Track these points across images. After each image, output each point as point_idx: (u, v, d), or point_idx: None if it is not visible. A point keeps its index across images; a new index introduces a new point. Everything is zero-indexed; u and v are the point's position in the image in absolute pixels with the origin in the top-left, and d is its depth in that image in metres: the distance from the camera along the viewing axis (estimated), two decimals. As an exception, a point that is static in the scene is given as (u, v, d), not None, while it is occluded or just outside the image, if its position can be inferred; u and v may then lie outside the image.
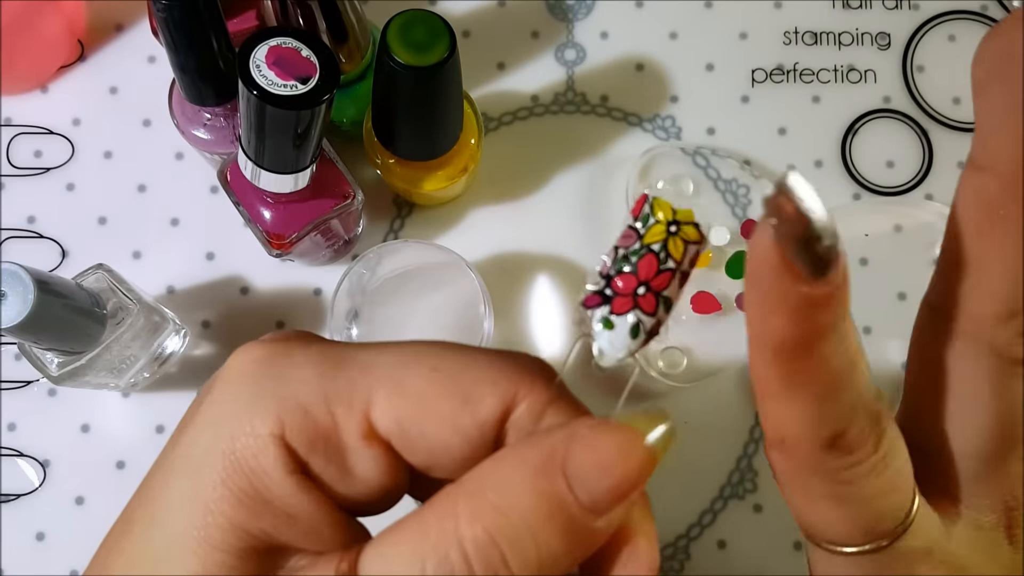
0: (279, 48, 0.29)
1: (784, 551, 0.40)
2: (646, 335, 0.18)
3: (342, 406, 0.18)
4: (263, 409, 0.18)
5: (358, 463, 0.19)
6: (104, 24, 0.43)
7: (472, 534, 0.17)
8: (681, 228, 0.18)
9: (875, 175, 0.43)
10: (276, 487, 0.18)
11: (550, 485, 0.17)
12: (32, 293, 0.30)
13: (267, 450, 0.18)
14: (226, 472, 0.18)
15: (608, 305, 0.18)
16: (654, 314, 0.18)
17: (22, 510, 0.40)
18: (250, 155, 0.32)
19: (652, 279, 0.18)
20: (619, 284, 0.18)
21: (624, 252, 0.19)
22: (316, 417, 0.18)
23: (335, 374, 0.19)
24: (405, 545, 0.17)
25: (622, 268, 0.18)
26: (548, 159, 0.43)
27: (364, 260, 0.38)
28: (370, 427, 0.19)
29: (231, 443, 0.18)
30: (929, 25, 0.44)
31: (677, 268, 0.18)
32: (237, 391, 0.19)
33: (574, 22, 0.44)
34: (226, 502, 0.18)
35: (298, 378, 0.19)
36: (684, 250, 0.18)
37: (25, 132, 0.42)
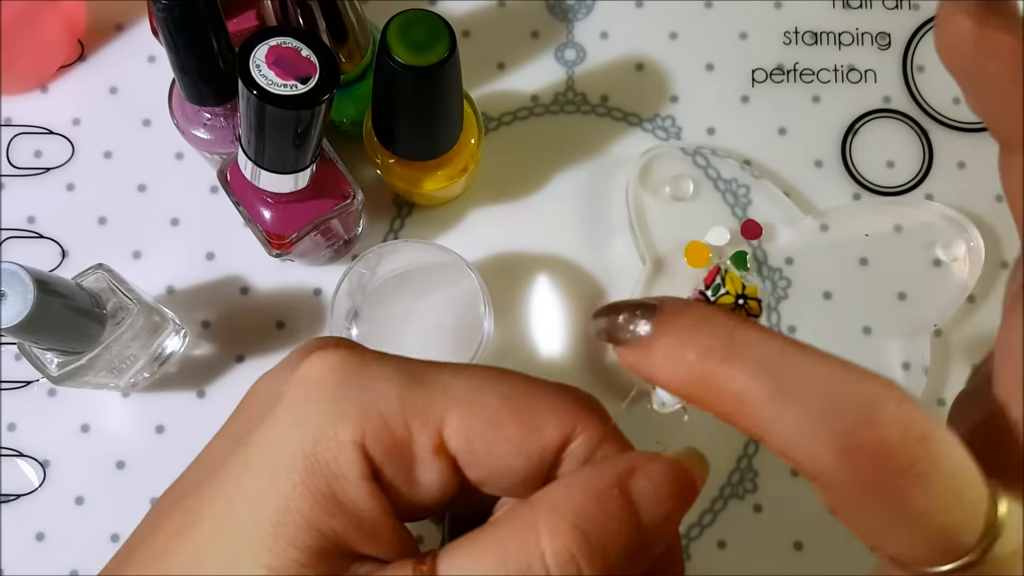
0: (279, 48, 0.29)
1: (784, 551, 0.40)
2: None
3: (418, 420, 0.20)
4: (346, 416, 0.20)
5: (425, 474, 0.20)
6: (104, 24, 0.43)
7: (553, 549, 0.18)
8: (747, 302, 0.20)
9: (875, 175, 0.43)
10: (352, 490, 0.19)
11: (619, 508, 0.19)
12: (32, 293, 0.30)
13: (348, 455, 0.19)
14: (307, 472, 0.19)
15: None
16: None
17: (22, 510, 0.40)
18: (250, 155, 0.32)
19: None
20: None
21: None
22: (394, 428, 0.20)
23: (413, 389, 0.20)
24: (486, 557, 0.19)
25: None
26: (548, 159, 0.43)
27: (364, 260, 0.38)
28: (441, 443, 0.20)
29: (313, 445, 0.19)
30: (929, 25, 0.44)
31: None
32: (319, 396, 0.20)
33: (574, 22, 0.44)
34: (304, 501, 0.19)
35: (379, 390, 0.20)
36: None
37: (25, 132, 0.42)
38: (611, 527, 0.19)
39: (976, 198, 0.43)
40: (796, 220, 0.42)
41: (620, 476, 0.20)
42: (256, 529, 0.19)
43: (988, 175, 0.43)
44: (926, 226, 0.42)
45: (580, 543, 0.19)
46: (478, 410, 0.20)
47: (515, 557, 0.18)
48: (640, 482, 0.20)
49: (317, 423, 0.20)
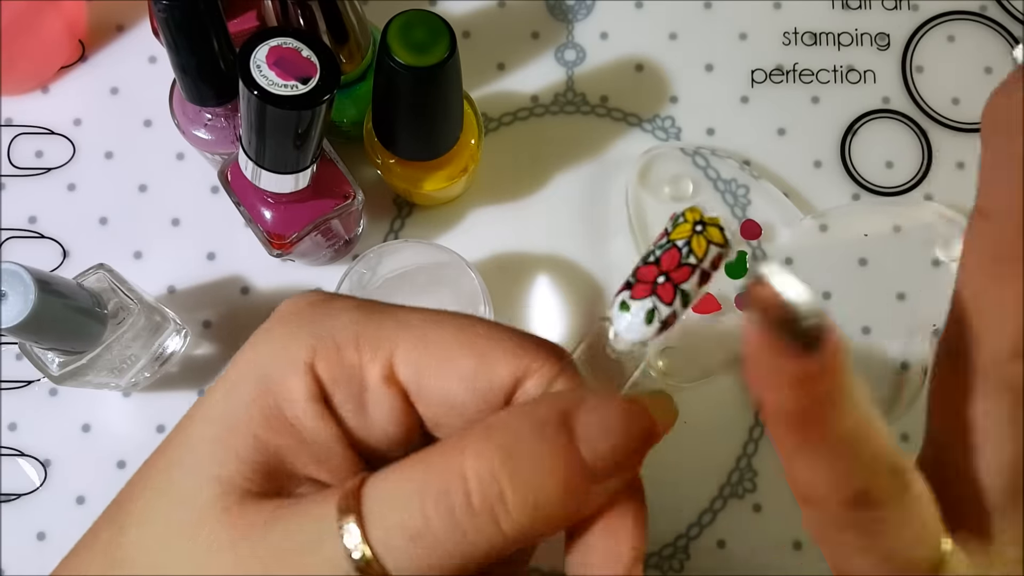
0: (280, 48, 0.29)
1: (784, 551, 0.40)
2: (660, 324, 0.19)
3: (369, 348, 0.20)
4: (300, 340, 0.20)
5: (375, 403, 0.20)
6: (105, 24, 0.43)
7: (476, 469, 0.18)
8: (707, 228, 0.19)
9: (874, 175, 0.43)
10: (299, 410, 0.20)
11: (556, 435, 0.18)
12: (33, 293, 0.30)
13: (296, 374, 0.20)
14: (257, 390, 0.20)
15: (629, 290, 0.19)
16: (671, 304, 0.19)
17: (22, 510, 0.40)
18: (251, 155, 0.32)
19: (673, 271, 0.19)
20: (641, 272, 0.19)
21: (653, 247, 0.20)
22: (345, 353, 0.20)
23: (369, 320, 0.21)
24: (409, 476, 0.18)
25: (648, 259, 0.20)
26: (548, 159, 0.43)
27: (364, 260, 0.38)
28: (391, 371, 0.20)
29: (266, 368, 0.20)
30: (928, 25, 0.44)
31: (698, 265, 0.19)
32: (279, 327, 0.21)
33: (574, 22, 0.44)
34: (252, 416, 0.20)
35: (336, 318, 0.21)
36: (707, 249, 0.19)
37: (26, 132, 0.42)
38: (543, 454, 0.18)
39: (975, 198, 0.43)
40: (795, 220, 0.42)
41: (564, 407, 0.19)
42: (208, 441, 0.20)
43: (987, 175, 0.43)
44: (925, 226, 0.42)
45: (505, 464, 0.18)
46: (430, 342, 0.20)
47: (436, 476, 0.18)
48: (588, 413, 0.19)
49: (271, 348, 0.21)
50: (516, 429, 0.18)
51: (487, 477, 0.17)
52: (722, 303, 0.40)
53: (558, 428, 0.18)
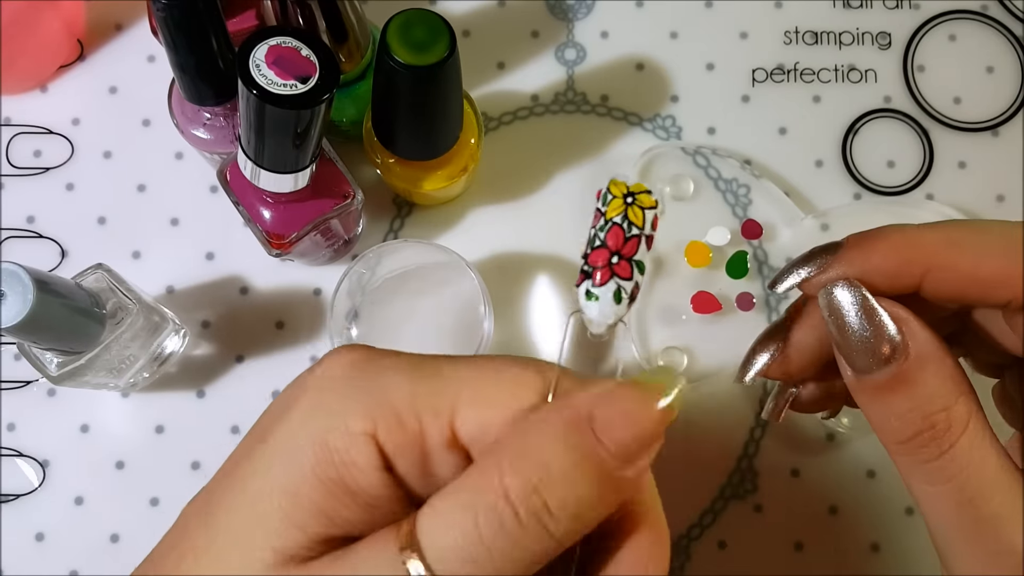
0: (279, 47, 0.29)
1: (784, 551, 0.40)
2: (628, 298, 0.20)
3: (429, 414, 0.20)
4: (357, 409, 0.20)
5: (437, 466, 0.21)
6: (103, 24, 0.43)
7: (516, 485, 0.19)
8: (636, 198, 0.20)
9: (876, 175, 0.43)
10: (364, 480, 0.20)
11: (580, 437, 0.19)
12: (31, 293, 0.30)
13: (360, 447, 0.20)
14: (317, 461, 0.20)
15: (589, 280, 0.20)
16: (631, 278, 0.20)
17: (22, 510, 0.40)
18: (250, 155, 0.32)
19: (622, 247, 0.20)
20: (593, 258, 0.20)
21: (594, 231, 0.21)
22: (406, 422, 0.20)
23: (423, 381, 0.21)
24: (456, 502, 0.19)
25: (595, 244, 0.21)
26: (548, 159, 0.43)
27: (364, 260, 0.38)
28: (453, 435, 0.21)
29: (324, 436, 0.20)
30: (930, 25, 0.44)
31: (641, 233, 0.20)
32: (332, 391, 0.21)
33: (574, 22, 0.44)
34: (315, 489, 0.20)
35: (389, 382, 0.21)
36: (643, 216, 0.20)
37: (25, 132, 0.42)
38: (574, 460, 0.19)
39: (977, 198, 0.43)
40: (796, 220, 0.42)
41: (580, 406, 0.20)
42: (267, 514, 0.20)
43: (989, 175, 0.43)
44: (927, 226, 0.42)
45: (542, 477, 0.19)
46: (485, 402, 0.21)
47: (482, 498, 0.19)
48: (605, 409, 0.20)
49: (330, 415, 0.20)
50: (542, 440, 0.19)
51: (528, 490, 0.19)
52: (722, 303, 0.40)
53: (582, 431, 0.19)
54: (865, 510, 0.40)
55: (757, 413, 0.41)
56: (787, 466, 0.41)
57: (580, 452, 0.19)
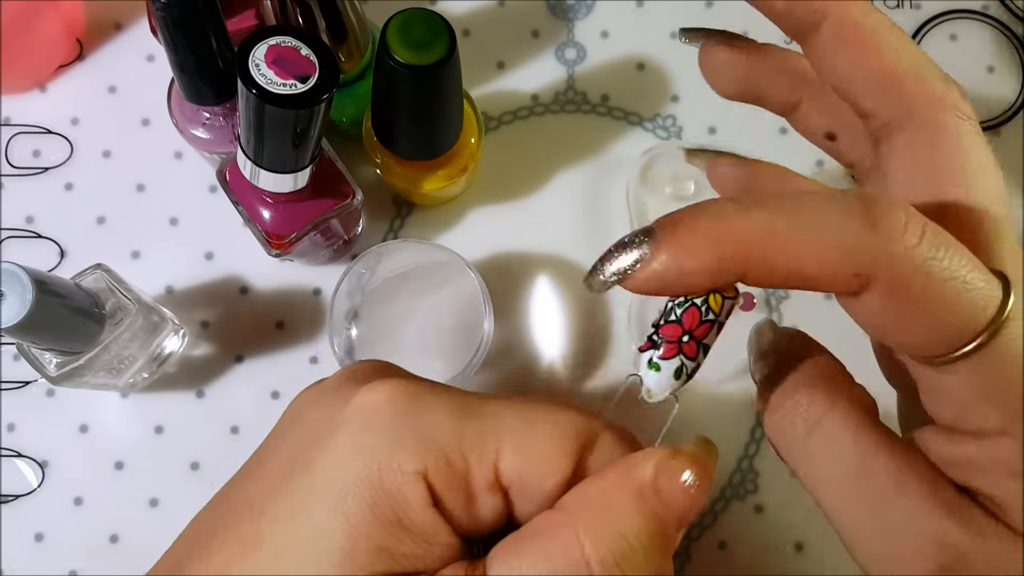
0: (278, 47, 0.29)
1: (784, 552, 0.40)
2: (687, 376, 0.21)
3: (474, 455, 0.21)
4: (407, 447, 0.21)
5: (481, 506, 0.21)
6: (103, 23, 0.43)
7: (599, 557, 0.20)
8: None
9: (876, 175, 0.43)
10: (418, 517, 0.21)
11: (652, 508, 0.20)
12: (31, 293, 0.29)
13: (413, 486, 0.20)
14: (373, 500, 0.20)
15: (657, 350, 0.21)
16: (695, 359, 0.21)
17: (21, 510, 0.40)
18: (249, 154, 0.32)
19: (695, 329, 0.21)
20: (664, 331, 0.21)
21: (672, 305, 0.21)
22: (453, 462, 0.21)
23: (468, 423, 0.21)
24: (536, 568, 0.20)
25: (669, 318, 0.21)
26: (548, 159, 0.43)
27: (363, 260, 0.38)
28: (496, 478, 0.21)
29: (379, 475, 0.20)
30: (930, 24, 0.44)
31: (716, 320, 0.21)
32: (380, 426, 0.21)
33: (574, 21, 0.44)
34: (373, 527, 0.20)
35: (436, 423, 0.21)
36: (722, 304, 0.21)
37: (24, 131, 0.42)
38: (648, 531, 0.20)
39: (977, 198, 0.43)
40: (797, 220, 0.42)
41: (647, 478, 0.21)
42: (324, 554, 0.20)
43: (989, 175, 0.43)
44: (927, 226, 0.42)
45: (622, 548, 0.20)
46: (528, 448, 0.21)
47: (564, 567, 0.20)
48: (666, 480, 0.21)
49: (380, 453, 0.21)
50: (618, 509, 0.20)
51: (611, 562, 0.20)
52: (723, 303, 0.40)
53: (653, 502, 0.20)
54: (865, 510, 0.40)
55: (757, 413, 0.41)
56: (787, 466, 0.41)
57: (653, 522, 0.20)
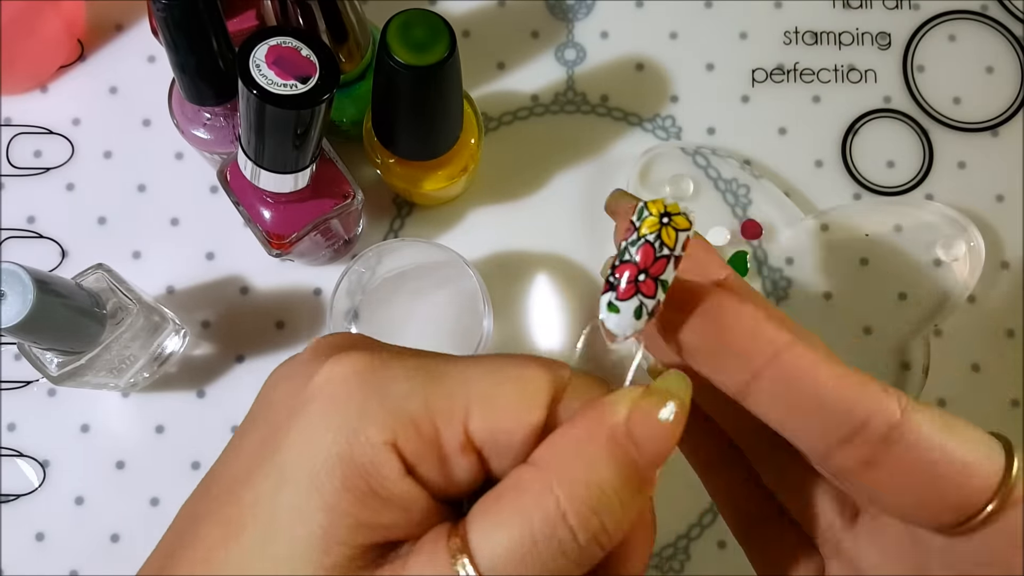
0: (279, 48, 0.29)
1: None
2: (648, 315, 0.21)
3: (442, 419, 0.21)
4: (375, 418, 0.21)
5: (455, 467, 0.21)
6: (104, 24, 0.43)
7: (575, 509, 0.20)
8: (673, 219, 0.21)
9: (875, 175, 0.43)
10: (394, 487, 0.20)
11: (624, 453, 0.20)
12: (32, 293, 0.30)
13: (385, 457, 0.20)
14: (346, 475, 0.20)
15: (614, 292, 0.21)
16: (654, 296, 0.21)
17: (22, 510, 0.40)
18: (250, 155, 0.32)
19: (650, 266, 0.21)
20: (619, 270, 0.21)
21: (625, 244, 0.21)
22: (422, 429, 0.21)
23: (434, 387, 0.21)
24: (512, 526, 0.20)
25: (624, 258, 0.21)
26: (548, 159, 0.43)
27: (363, 259, 0.38)
28: (467, 438, 0.21)
29: (348, 450, 0.20)
30: (929, 25, 0.44)
31: (671, 254, 0.21)
32: (347, 399, 0.21)
33: (574, 22, 0.44)
34: (350, 502, 0.20)
35: (402, 391, 0.21)
36: (676, 238, 0.21)
37: (25, 132, 0.42)
38: (622, 474, 0.20)
39: (977, 198, 0.43)
40: (796, 220, 0.42)
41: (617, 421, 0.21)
42: (305, 535, 0.20)
43: (989, 175, 0.43)
44: (926, 226, 0.42)
45: (598, 497, 0.20)
46: (497, 405, 0.21)
47: (539, 523, 0.19)
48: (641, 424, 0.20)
49: (348, 427, 0.21)
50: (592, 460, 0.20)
51: (586, 514, 0.20)
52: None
53: (626, 449, 0.20)
54: (865, 510, 0.40)
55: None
56: (787, 466, 0.41)
57: (626, 467, 0.20)
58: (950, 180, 0.43)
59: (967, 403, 0.41)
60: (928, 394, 0.41)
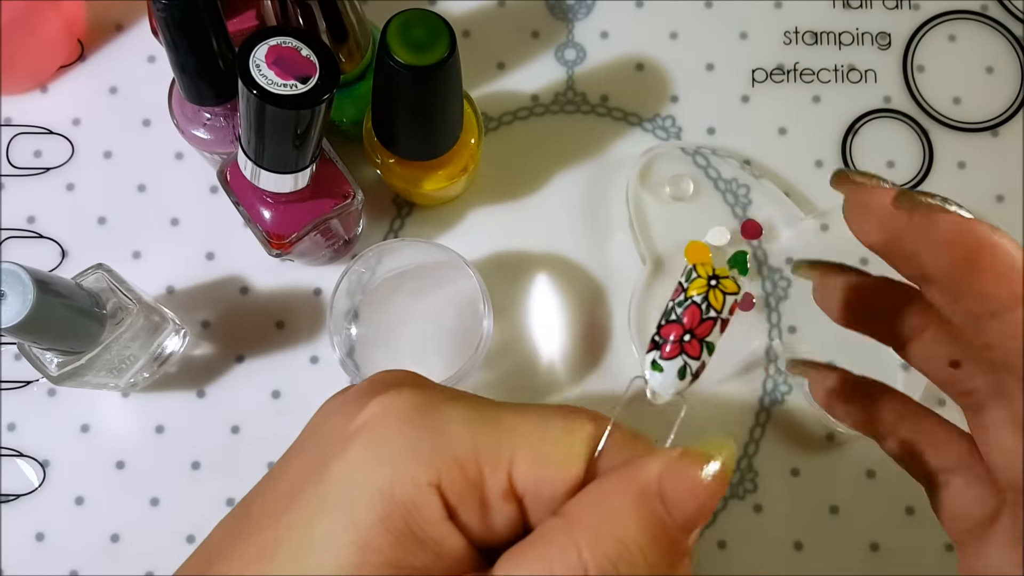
0: (279, 47, 0.29)
1: (784, 551, 0.40)
2: (692, 376, 0.21)
3: (488, 464, 0.21)
4: (421, 458, 0.20)
5: (495, 515, 0.21)
6: (104, 24, 0.43)
7: (596, 562, 0.19)
8: (721, 282, 0.21)
9: (875, 175, 0.43)
10: (432, 530, 0.20)
11: (653, 512, 0.20)
12: (32, 293, 0.30)
13: (427, 498, 0.20)
14: (385, 513, 0.20)
15: (658, 351, 0.21)
16: (698, 358, 0.21)
17: (22, 510, 0.40)
18: (250, 155, 0.32)
19: (696, 327, 0.21)
20: (665, 331, 0.21)
21: (672, 304, 0.21)
22: (468, 472, 0.21)
23: (484, 432, 0.21)
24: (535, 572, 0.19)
25: (670, 318, 0.21)
26: (548, 159, 0.43)
27: (363, 259, 0.38)
28: (511, 486, 0.21)
29: (391, 487, 0.20)
30: (929, 25, 0.44)
31: (718, 316, 0.21)
32: (394, 437, 0.21)
33: (574, 22, 0.44)
34: (384, 540, 0.20)
35: (450, 433, 0.21)
36: (723, 301, 0.21)
37: (25, 132, 0.42)
38: (649, 532, 0.20)
39: (977, 198, 0.43)
40: (796, 220, 0.42)
41: (649, 478, 0.20)
42: (336, 564, 0.20)
43: (988, 175, 0.43)
44: (926, 226, 0.42)
45: (621, 552, 0.19)
46: (543, 457, 0.21)
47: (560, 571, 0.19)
48: (673, 482, 0.20)
49: (393, 464, 0.20)
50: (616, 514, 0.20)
51: (608, 568, 0.19)
52: (723, 303, 0.40)
53: (654, 506, 0.20)
54: (865, 510, 0.40)
55: (757, 413, 0.41)
56: (787, 466, 0.41)
57: (654, 526, 0.20)
58: (950, 180, 0.43)
59: (967, 403, 0.41)
60: (928, 394, 0.41)
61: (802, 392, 0.40)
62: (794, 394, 0.41)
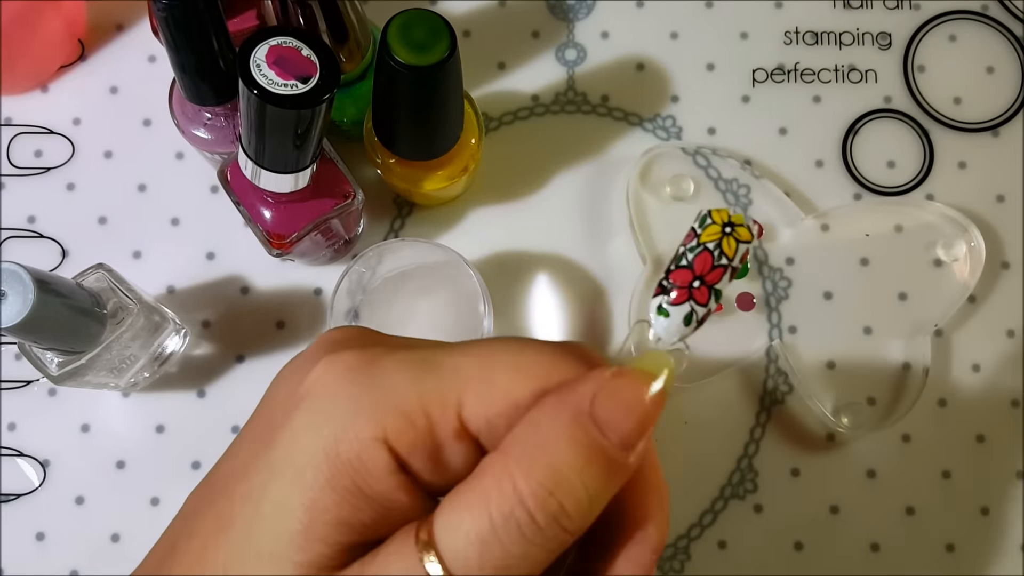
0: (279, 47, 0.29)
1: (784, 551, 0.40)
2: (697, 323, 0.21)
3: (436, 408, 0.20)
4: (364, 415, 0.20)
5: (451, 458, 0.21)
6: (104, 24, 0.43)
7: (530, 490, 0.19)
8: (735, 229, 0.21)
9: (876, 175, 0.43)
10: (379, 485, 0.20)
11: (586, 434, 0.20)
12: (32, 293, 0.30)
13: (372, 452, 0.20)
14: (331, 472, 0.20)
15: (666, 296, 0.21)
16: (706, 305, 0.21)
17: (22, 510, 0.40)
18: (250, 155, 0.32)
19: (707, 274, 0.21)
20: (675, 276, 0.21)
21: (684, 249, 0.21)
22: (414, 421, 0.20)
23: (427, 378, 0.21)
24: (472, 511, 0.19)
25: (680, 263, 0.21)
26: (548, 159, 0.43)
27: (364, 259, 0.38)
28: (462, 426, 0.21)
29: (335, 446, 0.20)
30: (930, 25, 0.44)
31: (729, 264, 0.21)
32: (335, 397, 0.21)
33: (575, 22, 0.44)
34: (332, 500, 0.20)
35: (393, 384, 0.21)
36: (736, 248, 0.21)
37: (25, 132, 0.42)
38: (583, 455, 0.20)
39: (977, 198, 0.43)
40: (797, 220, 0.42)
41: (581, 401, 0.20)
42: (287, 530, 0.20)
43: (989, 175, 0.43)
44: (927, 226, 0.42)
45: (555, 478, 0.19)
46: (493, 390, 0.21)
47: (497, 505, 0.19)
48: (605, 403, 0.20)
49: (336, 424, 0.20)
50: (549, 441, 0.20)
51: (543, 494, 0.19)
52: (722, 303, 0.40)
53: (585, 426, 0.20)
54: (865, 510, 0.40)
55: (757, 413, 0.41)
56: (787, 466, 0.41)
57: (588, 449, 0.20)
58: (951, 180, 0.43)
59: (967, 403, 0.41)
60: (928, 394, 0.41)
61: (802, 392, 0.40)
62: (794, 394, 0.41)
